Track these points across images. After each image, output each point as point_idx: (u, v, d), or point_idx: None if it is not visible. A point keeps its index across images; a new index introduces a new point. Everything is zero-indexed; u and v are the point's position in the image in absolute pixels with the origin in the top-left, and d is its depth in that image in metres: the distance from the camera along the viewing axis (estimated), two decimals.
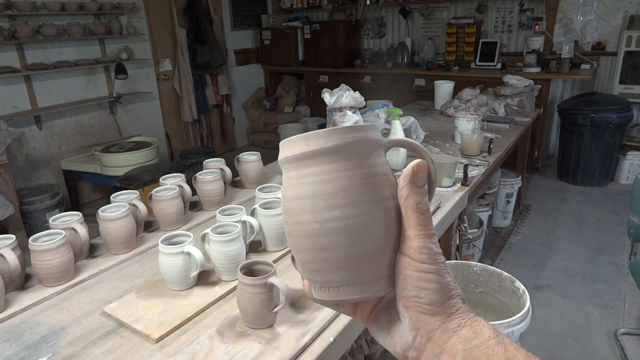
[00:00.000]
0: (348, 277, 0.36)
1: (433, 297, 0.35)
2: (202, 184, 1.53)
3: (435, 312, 0.35)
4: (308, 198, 0.36)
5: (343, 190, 0.35)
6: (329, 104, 2.09)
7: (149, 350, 0.91)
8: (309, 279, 0.39)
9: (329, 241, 0.35)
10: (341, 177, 0.35)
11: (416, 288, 0.35)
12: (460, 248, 1.98)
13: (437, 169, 1.75)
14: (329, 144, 0.36)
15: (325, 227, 0.35)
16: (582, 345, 2.19)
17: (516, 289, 1.51)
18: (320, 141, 0.36)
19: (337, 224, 0.35)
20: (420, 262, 0.35)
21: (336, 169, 0.35)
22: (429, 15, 5.24)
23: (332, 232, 0.35)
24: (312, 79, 5.70)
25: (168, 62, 4.99)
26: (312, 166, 0.36)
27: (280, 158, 0.38)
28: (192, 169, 3.25)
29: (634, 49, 4.00)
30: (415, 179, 0.36)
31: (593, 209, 3.65)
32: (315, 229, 0.36)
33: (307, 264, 0.38)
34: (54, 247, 1.09)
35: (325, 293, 0.38)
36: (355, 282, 0.36)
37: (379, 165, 0.37)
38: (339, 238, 0.35)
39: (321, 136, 0.36)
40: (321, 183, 0.35)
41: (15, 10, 3.53)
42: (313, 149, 0.36)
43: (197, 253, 1.05)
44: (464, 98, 3.12)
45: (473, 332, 0.35)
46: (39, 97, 3.86)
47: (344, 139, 0.36)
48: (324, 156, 0.36)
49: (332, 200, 0.35)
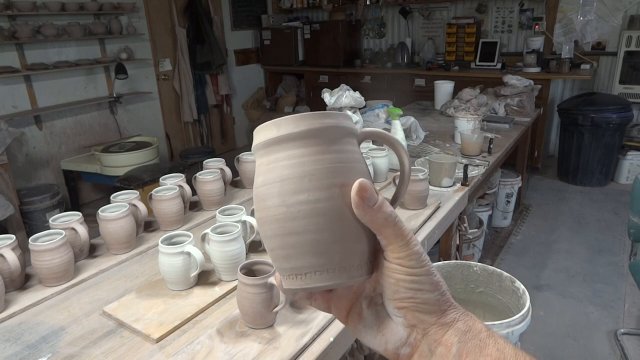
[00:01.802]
0: (316, 263, 0.36)
1: (427, 296, 0.36)
2: (202, 184, 1.53)
3: (431, 310, 0.36)
4: (277, 182, 0.35)
5: (310, 174, 0.35)
6: (329, 104, 2.09)
7: (149, 350, 0.91)
8: (278, 268, 0.38)
9: (297, 225, 0.35)
10: (309, 161, 0.35)
11: (410, 290, 0.36)
12: (460, 248, 1.98)
13: (437, 169, 1.75)
14: (298, 129, 0.36)
15: (292, 210, 0.35)
16: (582, 345, 2.19)
17: (516, 289, 1.51)
18: (290, 126, 0.36)
19: (304, 207, 0.35)
20: (410, 268, 0.35)
21: (304, 153, 0.35)
22: (429, 15, 5.24)
23: (300, 216, 0.35)
24: (312, 79, 5.70)
25: (168, 62, 4.99)
26: (281, 151, 0.36)
27: (253, 145, 0.38)
28: (192, 169, 3.25)
29: (634, 49, 4.00)
30: (365, 201, 0.35)
31: (593, 209, 3.65)
32: (282, 212, 0.35)
33: (275, 251, 0.37)
34: (54, 247, 1.09)
35: (293, 281, 0.37)
36: (323, 268, 0.36)
37: (348, 152, 0.37)
38: (307, 222, 0.35)
39: (291, 121, 0.36)
40: (289, 167, 0.35)
41: (15, 10, 3.53)
42: (282, 134, 0.36)
43: (197, 253, 1.05)
44: (464, 98, 3.12)
45: (467, 326, 0.36)
46: (39, 97, 3.86)
47: (313, 124, 0.36)
48: (293, 141, 0.36)
49: (299, 183, 0.35)
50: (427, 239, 1.44)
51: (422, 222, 1.48)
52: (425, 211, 1.55)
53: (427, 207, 1.58)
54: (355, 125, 0.38)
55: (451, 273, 1.61)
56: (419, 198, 1.55)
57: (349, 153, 0.37)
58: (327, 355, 0.92)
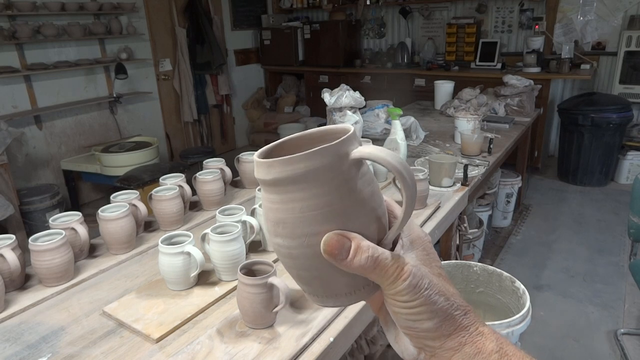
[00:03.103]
0: (307, 290, 0.40)
1: (427, 325, 0.35)
2: (202, 184, 1.53)
3: (434, 337, 0.36)
4: (266, 220, 0.38)
5: (283, 222, 0.35)
6: (329, 104, 2.09)
7: (149, 350, 0.91)
8: None
9: (282, 260, 0.38)
10: (280, 209, 0.35)
11: (409, 321, 0.36)
12: (460, 248, 1.98)
13: (437, 169, 1.75)
14: (268, 177, 0.34)
15: (275, 249, 0.38)
16: (582, 345, 2.19)
17: (516, 289, 1.51)
18: (262, 172, 0.35)
19: (282, 250, 0.37)
20: (404, 302, 0.35)
21: (278, 200, 0.35)
22: (429, 15, 5.24)
23: (280, 255, 0.38)
24: (312, 79, 5.70)
25: (168, 62, 4.99)
26: (265, 192, 0.37)
27: (262, 178, 0.37)
28: (192, 169, 3.25)
29: (634, 49, 4.00)
30: (335, 257, 0.34)
31: (593, 209, 3.65)
32: (274, 249, 0.38)
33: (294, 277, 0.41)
34: (54, 247, 1.09)
35: (314, 298, 0.40)
36: (314, 294, 0.39)
37: (326, 195, 0.34)
38: (285, 261, 0.38)
39: (263, 167, 0.35)
40: (269, 211, 0.37)
41: (15, 10, 3.53)
42: (259, 177, 0.35)
43: (197, 253, 1.05)
44: (464, 98, 3.12)
45: (475, 348, 0.35)
46: (39, 97, 3.86)
47: (282, 173, 0.34)
48: (271, 186, 0.35)
49: (275, 228, 0.37)
50: None
51: (422, 222, 1.48)
52: (425, 211, 1.55)
53: (427, 207, 1.58)
54: (351, 146, 0.35)
55: (451, 273, 1.61)
56: (419, 198, 1.55)
57: (327, 196, 0.34)
58: (327, 355, 0.92)
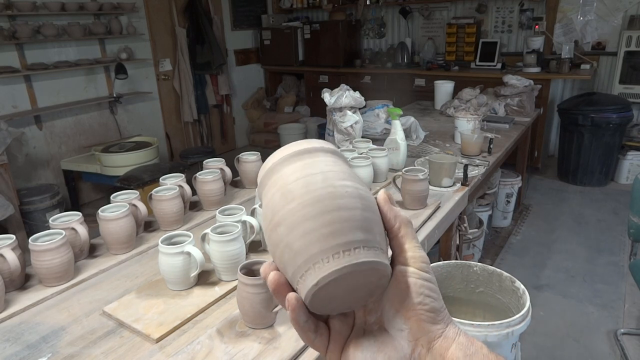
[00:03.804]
0: (364, 238, 0.36)
1: (435, 304, 0.36)
2: (202, 184, 1.53)
3: (437, 320, 0.36)
4: (319, 173, 0.38)
5: (349, 173, 0.40)
6: (329, 104, 2.09)
7: (149, 350, 0.91)
8: (311, 257, 0.35)
9: (346, 202, 0.36)
10: (344, 165, 0.41)
11: (420, 295, 0.36)
12: (460, 248, 1.98)
13: (437, 169, 1.75)
14: (328, 146, 0.42)
15: (341, 190, 0.37)
16: (582, 345, 2.19)
17: (516, 289, 1.51)
18: (317, 144, 0.42)
19: (350, 189, 0.37)
20: (422, 271, 0.36)
21: (338, 161, 0.41)
22: (429, 15, 5.24)
23: (347, 195, 0.37)
24: (312, 79, 5.70)
25: (168, 62, 4.99)
26: (319, 156, 0.40)
27: (282, 155, 0.41)
28: (192, 169, 3.25)
29: (634, 49, 3.99)
30: (391, 199, 0.40)
31: (593, 209, 3.65)
32: (331, 191, 0.37)
33: (319, 230, 0.35)
34: (54, 247, 1.09)
35: (338, 260, 0.35)
36: (370, 245, 0.36)
37: None
38: (354, 200, 0.37)
39: (315, 141, 0.42)
40: (330, 165, 0.39)
41: (15, 10, 3.53)
42: (315, 146, 0.41)
43: (197, 253, 1.05)
44: (464, 98, 3.12)
45: (469, 340, 0.36)
46: (39, 97, 3.86)
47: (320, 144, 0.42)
48: (327, 153, 0.41)
49: (343, 175, 0.39)
50: (427, 239, 1.44)
51: (422, 222, 1.48)
52: (425, 211, 1.55)
53: (427, 207, 1.58)
54: None
55: (451, 273, 1.61)
56: (419, 198, 1.55)
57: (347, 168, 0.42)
58: None
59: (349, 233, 0.35)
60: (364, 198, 0.38)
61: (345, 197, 0.36)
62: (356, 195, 0.37)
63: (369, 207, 0.38)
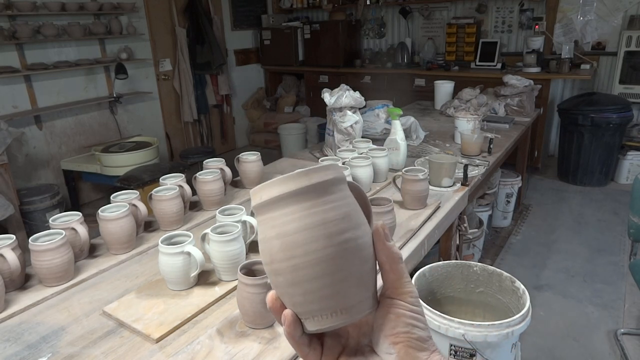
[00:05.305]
0: (360, 295, 0.39)
1: (421, 333, 0.39)
2: (202, 184, 1.53)
3: (423, 348, 0.39)
4: (319, 225, 0.37)
5: (347, 215, 0.38)
6: (329, 104, 2.09)
7: (149, 350, 0.91)
8: (310, 311, 0.38)
9: (344, 262, 0.37)
10: (343, 204, 0.38)
11: (408, 325, 0.39)
12: (460, 248, 1.98)
13: (437, 169, 1.75)
14: (329, 177, 0.38)
15: (340, 249, 0.37)
16: (582, 345, 2.19)
17: (516, 289, 1.51)
18: (317, 178, 0.38)
19: (350, 244, 0.37)
20: (411, 305, 0.40)
21: (339, 197, 0.38)
22: (429, 15, 5.24)
23: (347, 254, 0.37)
24: (312, 79, 5.70)
25: (168, 62, 4.99)
26: (320, 196, 0.37)
27: (280, 193, 0.37)
28: (192, 169, 3.25)
29: (634, 49, 3.99)
30: (386, 238, 0.40)
31: (593, 209, 3.65)
32: (330, 252, 0.37)
33: (316, 293, 0.37)
34: (54, 247, 1.09)
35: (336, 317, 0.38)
36: (364, 299, 0.39)
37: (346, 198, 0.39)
38: (353, 257, 0.38)
39: (317, 172, 0.38)
40: (329, 211, 0.37)
41: (15, 10, 3.53)
42: (314, 183, 0.37)
43: (197, 253, 1.05)
44: (464, 98, 3.12)
45: None
46: (39, 97, 3.86)
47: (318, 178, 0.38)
48: (327, 189, 0.38)
49: (343, 224, 0.37)
50: (427, 239, 1.44)
51: (422, 222, 1.48)
52: (425, 211, 1.55)
53: (427, 207, 1.58)
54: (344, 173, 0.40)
55: (451, 273, 1.61)
56: (418, 198, 1.55)
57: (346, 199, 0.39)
58: None
59: (347, 293, 0.38)
60: (362, 249, 0.38)
61: (344, 256, 0.37)
62: (355, 249, 0.37)
63: (366, 258, 0.39)
